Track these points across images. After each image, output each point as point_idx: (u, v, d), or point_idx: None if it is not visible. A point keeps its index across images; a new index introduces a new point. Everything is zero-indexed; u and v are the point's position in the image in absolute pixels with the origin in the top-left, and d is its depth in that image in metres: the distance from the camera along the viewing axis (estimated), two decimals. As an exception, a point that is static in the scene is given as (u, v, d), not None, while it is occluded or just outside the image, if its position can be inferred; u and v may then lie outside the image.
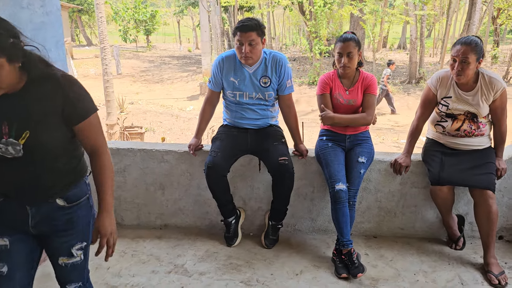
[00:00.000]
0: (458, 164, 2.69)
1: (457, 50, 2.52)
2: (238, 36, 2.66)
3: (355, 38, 2.71)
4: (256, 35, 2.67)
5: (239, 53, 2.70)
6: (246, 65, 2.78)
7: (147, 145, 3.11)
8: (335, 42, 2.80)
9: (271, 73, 2.80)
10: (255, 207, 3.12)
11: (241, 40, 2.66)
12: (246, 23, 2.66)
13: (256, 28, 2.66)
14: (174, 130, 8.68)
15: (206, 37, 12.44)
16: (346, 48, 2.68)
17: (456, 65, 2.53)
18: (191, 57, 26.89)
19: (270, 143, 2.83)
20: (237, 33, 2.67)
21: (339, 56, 2.71)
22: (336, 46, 2.73)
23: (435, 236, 3.07)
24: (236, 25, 2.72)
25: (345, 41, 2.68)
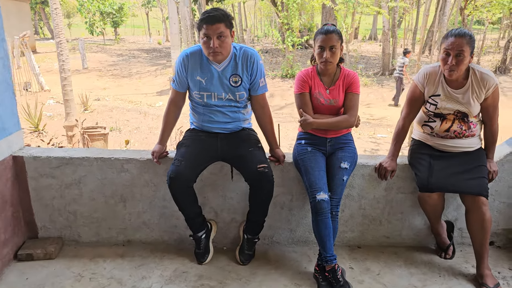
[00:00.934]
0: (447, 168, 2.47)
1: (451, 42, 2.28)
2: (204, 29, 2.34)
3: (337, 31, 2.44)
4: (224, 26, 2.36)
5: (207, 48, 2.38)
6: (214, 62, 2.47)
7: (105, 153, 2.76)
8: (314, 35, 2.51)
9: (242, 71, 2.50)
10: (228, 218, 2.83)
11: (208, 33, 2.34)
12: (213, 14, 2.33)
13: (224, 19, 2.35)
14: (141, 128, 8.22)
15: (175, 29, 11.96)
16: (328, 41, 2.40)
17: (450, 59, 2.30)
18: (161, 50, 26.16)
19: (244, 149, 2.53)
20: (203, 26, 2.34)
21: (321, 50, 2.43)
22: (317, 39, 2.45)
23: (423, 244, 2.86)
24: (201, 16, 2.37)
25: (327, 33, 2.40)
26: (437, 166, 2.48)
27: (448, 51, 2.31)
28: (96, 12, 29.17)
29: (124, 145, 5.99)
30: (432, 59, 19.93)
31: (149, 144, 7.17)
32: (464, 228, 2.82)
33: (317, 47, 2.45)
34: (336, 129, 2.54)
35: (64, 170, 2.70)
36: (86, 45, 21.38)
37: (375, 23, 36.96)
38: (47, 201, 2.76)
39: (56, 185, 2.73)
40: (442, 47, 2.35)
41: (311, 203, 2.41)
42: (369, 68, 16.93)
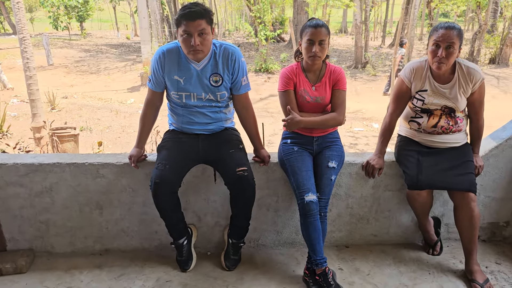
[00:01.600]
0: (436, 164, 2.42)
1: (442, 34, 2.23)
2: (184, 26, 2.19)
3: (326, 25, 2.34)
4: (205, 23, 2.22)
5: (187, 46, 2.24)
6: (193, 61, 2.33)
7: (78, 158, 2.58)
8: (302, 28, 2.40)
9: (223, 70, 2.37)
10: (212, 222, 2.70)
11: (189, 30, 2.19)
12: (194, 9, 2.18)
13: (205, 15, 2.21)
14: (114, 127, 7.91)
15: (145, 23, 11.61)
16: (318, 35, 2.30)
17: (440, 51, 2.24)
18: (130, 45, 25.50)
19: (225, 150, 2.41)
20: (182, 22, 2.19)
21: (309, 44, 2.33)
22: (306, 32, 2.34)
23: (410, 241, 2.83)
24: (180, 12, 2.22)
25: (317, 26, 2.30)
26: (426, 163, 2.43)
27: (438, 43, 2.25)
28: (60, 5, 28.17)
29: (96, 146, 5.73)
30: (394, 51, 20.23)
31: (123, 144, 6.92)
32: (451, 224, 2.81)
33: (305, 41, 2.34)
34: (324, 127, 2.45)
35: (34, 177, 2.51)
36: (50, 40, 20.60)
37: (345, 16, 37.28)
38: (15, 211, 2.56)
39: (24, 194, 2.53)
40: (432, 39, 2.29)
41: (299, 205, 2.32)
42: (342, 61, 17.02)
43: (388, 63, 16.65)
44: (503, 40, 15.09)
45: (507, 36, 14.78)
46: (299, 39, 2.43)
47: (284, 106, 2.44)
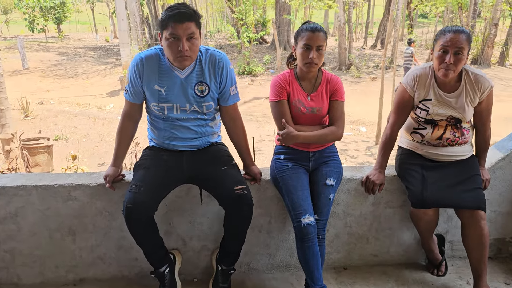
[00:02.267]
0: (441, 180, 2.23)
1: (450, 38, 2.04)
2: (171, 28, 1.94)
3: (324, 29, 2.13)
4: (195, 26, 1.99)
5: (174, 52, 1.99)
6: (176, 68, 2.08)
7: (46, 179, 2.30)
8: (297, 32, 2.18)
9: (209, 78, 2.13)
10: (198, 246, 2.46)
11: (177, 33, 1.94)
12: (183, 10, 1.94)
13: (194, 18, 1.98)
14: (91, 136, 7.53)
15: (124, 26, 11.22)
16: (316, 40, 2.09)
17: (448, 57, 2.05)
18: (109, 47, 24.93)
19: (216, 168, 2.17)
20: (169, 24, 1.94)
21: (306, 50, 2.11)
22: (302, 37, 2.13)
23: (413, 260, 2.64)
24: (166, 13, 1.96)
25: (315, 31, 2.10)
26: (431, 179, 2.23)
27: (446, 48, 2.06)
28: (36, 7, 27.39)
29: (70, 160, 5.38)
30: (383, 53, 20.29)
31: (101, 154, 6.56)
32: (455, 241, 2.63)
33: (301, 46, 2.12)
34: (323, 142, 2.24)
35: (-5, 201, 2.22)
36: (26, 43, 19.96)
37: (326, 18, 37.36)
38: (-24, 240, 2.27)
39: (-14, 221, 2.24)
40: (438, 44, 2.10)
41: (295, 228, 2.10)
42: (325, 63, 16.88)
43: (372, 65, 16.62)
44: (485, 41, 15.21)
45: (488, 37, 14.90)
46: (293, 43, 2.21)
47: (277, 118, 2.21)
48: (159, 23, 2.02)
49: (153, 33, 20.95)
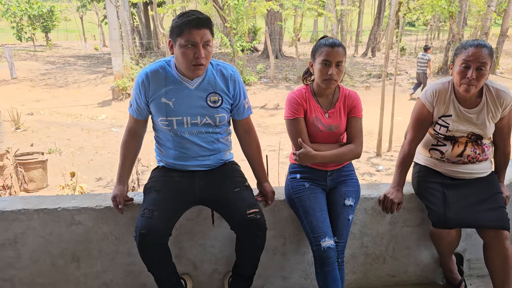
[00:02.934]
0: (463, 198, 2.15)
1: (473, 53, 1.96)
2: (189, 34, 1.83)
3: (342, 44, 2.04)
4: (210, 33, 1.90)
5: (189, 60, 1.87)
6: (185, 79, 1.98)
7: (49, 203, 2.17)
8: (316, 47, 2.09)
9: (222, 90, 2.03)
10: (209, 270, 2.34)
11: (195, 39, 1.84)
12: (201, 16, 1.85)
13: (210, 25, 1.89)
14: (86, 149, 7.34)
15: (115, 35, 11.06)
16: (336, 56, 2.00)
17: (471, 72, 1.97)
18: (99, 56, 24.67)
19: (229, 189, 2.06)
20: (186, 30, 1.83)
21: (325, 66, 2.02)
22: (320, 52, 2.03)
23: (430, 280, 2.55)
24: (182, 19, 1.85)
25: (334, 46, 2.00)
26: (452, 198, 2.15)
27: (467, 63, 1.99)
28: (24, 16, 27.05)
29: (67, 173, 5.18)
30: (375, 61, 20.42)
31: (96, 167, 6.38)
32: (473, 259, 2.55)
33: (319, 62, 2.03)
34: (341, 162, 2.15)
35: (-6, 228, 2.09)
36: (13, 52, 19.64)
37: (315, 26, 37.52)
38: (-28, 268, 2.13)
39: (-17, 248, 2.11)
40: (460, 58, 2.03)
41: (314, 252, 2.00)
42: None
43: (365, 73, 16.68)
44: (475, 49, 15.32)
45: (479, 45, 15.02)
46: (311, 59, 2.12)
47: (293, 136, 2.12)
48: (172, 30, 1.89)
49: (144, 43, 20.85)
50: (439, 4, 15.90)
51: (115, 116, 10.81)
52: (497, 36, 15.93)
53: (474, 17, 22.24)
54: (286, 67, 18.22)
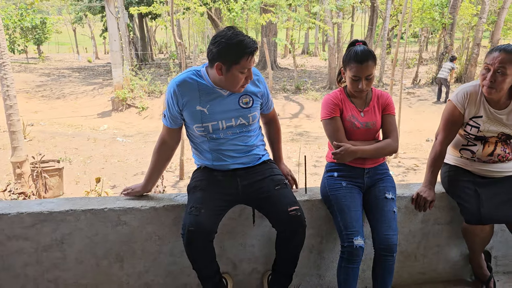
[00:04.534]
0: (495, 196, 2.24)
1: (494, 57, 2.08)
2: (248, 62, 1.95)
3: (372, 54, 2.12)
4: None
5: (242, 83, 2.01)
6: (220, 88, 2.06)
7: (95, 203, 2.21)
8: (346, 59, 2.16)
9: (251, 92, 2.13)
10: (249, 269, 2.39)
11: (250, 67, 2.00)
12: (256, 45, 1.97)
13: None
14: (95, 157, 7.35)
15: (116, 46, 11.13)
16: (365, 72, 2.10)
17: (489, 75, 2.09)
18: (93, 68, 24.67)
19: (270, 187, 2.13)
20: (245, 59, 1.94)
21: (355, 80, 2.12)
22: (351, 67, 2.12)
23: (459, 277, 2.62)
24: (242, 48, 1.90)
25: (363, 62, 2.08)
26: (484, 195, 2.24)
27: (488, 66, 2.10)
28: (17, 28, 26.99)
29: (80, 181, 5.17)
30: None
31: (109, 175, 6.40)
32: (499, 256, 2.64)
33: (350, 76, 2.13)
34: (380, 156, 2.24)
35: (42, 229, 2.13)
36: (8, 64, 19.53)
37: (307, 38, 37.97)
38: (18, 269, 2.16)
39: (30, 249, 2.14)
40: (484, 61, 2.15)
41: (345, 247, 2.08)
42: (315, 83, 17.08)
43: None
44: (468, 60, 15.70)
45: (471, 56, 15.39)
46: (342, 66, 2.22)
47: (331, 135, 2.20)
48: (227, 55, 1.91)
49: (140, 54, 20.94)
50: (431, 17, 16.27)
51: (117, 127, 10.83)
52: (488, 47, 16.32)
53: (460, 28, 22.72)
54: (283, 77, 18.41)
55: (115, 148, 8.11)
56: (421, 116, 12.43)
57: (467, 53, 16.46)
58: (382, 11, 20.87)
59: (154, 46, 33.96)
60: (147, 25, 27.06)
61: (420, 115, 12.64)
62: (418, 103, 14.19)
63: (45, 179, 4.36)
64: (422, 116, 12.50)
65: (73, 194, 4.98)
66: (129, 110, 12.85)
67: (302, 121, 12.42)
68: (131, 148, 8.44)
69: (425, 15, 17.66)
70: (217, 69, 1.97)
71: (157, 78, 16.65)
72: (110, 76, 16.30)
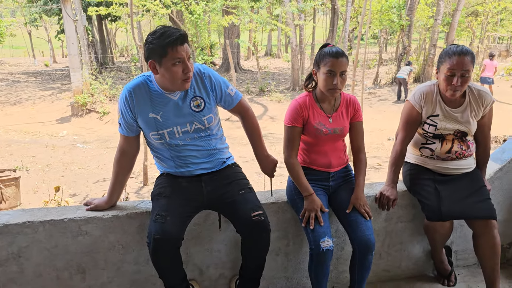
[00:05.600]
0: (454, 192, 2.32)
1: (457, 62, 2.14)
2: (175, 52, 1.87)
3: (345, 53, 2.14)
4: (189, 46, 1.96)
5: (179, 76, 1.91)
6: (168, 92, 2.00)
7: (54, 214, 2.12)
8: (320, 56, 2.15)
9: (201, 92, 2.07)
10: (216, 275, 2.37)
11: (182, 55, 1.89)
12: (182, 33, 1.89)
13: (187, 39, 1.96)
14: (54, 165, 7.06)
15: (75, 50, 10.77)
16: (340, 66, 2.09)
17: (456, 80, 2.16)
18: (51, 72, 23.81)
19: (234, 192, 2.11)
20: (172, 49, 1.86)
21: (330, 76, 2.10)
22: (325, 62, 2.11)
23: (422, 273, 2.70)
24: (164, 38, 1.86)
25: (338, 56, 2.09)
26: (444, 192, 2.31)
27: (453, 71, 2.17)
28: (-32, 32, 25.73)
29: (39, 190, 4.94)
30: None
31: (69, 184, 6.17)
32: (459, 251, 2.74)
33: (324, 71, 2.11)
34: None
35: (-4, 242, 2.01)
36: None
37: (270, 39, 38.25)
38: (-29, 286, 2.04)
39: (-16, 264, 2.03)
40: (445, 66, 2.20)
41: (313, 250, 2.10)
42: (278, 84, 17.21)
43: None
44: (425, 60, 16.29)
45: (428, 57, 15.98)
46: (314, 67, 2.21)
47: (287, 143, 2.23)
48: (153, 51, 1.89)
49: (100, 58, 20.41)
50: (389, 18, 16.77)
51: (77, 132, 10.48)
52: (444, 48, 16.98)
53: (417, 30, 23.54)
54: (247, 79, 18.44)
55: (75, 155, 7.85)
56: (382, 116, 12.76)
57: (424, 53, 17.07)
58: (343, 13, 21.27)
59: (114, 49, 33.21)
60: (106, 28, 26.40)
61: (381, 114, 12.98)
62: (379, 103, 14.58)
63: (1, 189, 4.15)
64: (383, 115, 12.83)
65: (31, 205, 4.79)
66: (90, 115, 12.49)
67: (267, 122, 12.47)
68: (92, 154, 8.20)
69: (384, 17, 18.18)
70: (152, 69, 1.94)
71: (119, 82, 16.28)
72: (68, 80, 15.80)
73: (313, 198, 2.15)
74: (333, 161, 2.27)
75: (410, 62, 15.41)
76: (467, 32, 25.05)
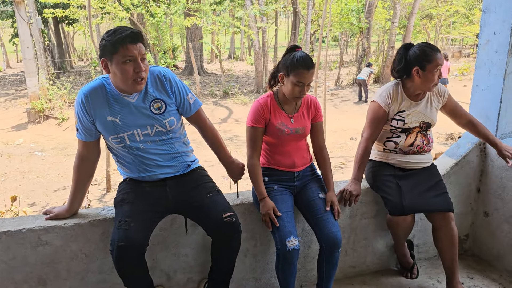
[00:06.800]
0: (414, 187, 2.40)
1: (440, 57, 2.30)
2: (126, 50, 1.82)
3: (313, 63, 2.16)
4: (143, 47, 1.91)
5: (130, 75, 1.85)
6: (125, 94, 1.96)
7: (11, 224, 2.03)
8: (291, 65, 2.11)
9: (161, 94, 2.02)
10: (184, 279, 2.34)
11: (133, 54, 1.83)
12: (134, 31, 1.85)
13: (143, 39, 1.91)
14: (10, 174, 6.73)
15: (30, 54, 10.37)
16: (310, 77, 2.12)
17: (438, 73, 2.32)
18: (5, 78, 22.80)
19: (202, 195, 2.09)
20: (122, 46, 1.81)
21: (299, 86, 2.11)
22: (296, 73, 2.09)
23: (385, 267, 2.78)
24: (115, 36, 1.82)
25: (310, 68, 2.10)
26: (405, 187, 2.39)
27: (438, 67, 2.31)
28: None
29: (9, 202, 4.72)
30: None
31: (27, 192, 5.91)
32: (420, 244, 2.84)
33: (293, 81, 2.10)
34: None
35: None
36: None
37: (233, 42, 38.28)
38: None
39: None
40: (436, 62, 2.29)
41: (279, 250, 2.11)
42: (242, 87, 17.21)
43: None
44: (384, 61, 16.79)
45: (387, 58, 16.48)
46: (282, 70, 2.17)
47: (250, 144, 2.25)
48: (104, 48, 1.85)
49: (57, 62, 19.75)
50: (349, 21, 17.18)
51: (34, 140, 10.08)
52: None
53: (376, 32, 24.26)
54: (211, 82, 18.36)
55: (33, 163, 7.55)
56: (345, 116, 13.04)
57: (382, 55, 17.60)
58: (304, 16, 21.58)
59: (73, 53, 32.27)
60: (64, 31, 25.60)
61: (343, 115, 13.25)
62: (342, 104, 14.89)
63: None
64: (346, 115, 13.11)
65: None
66: (48, 122, 12.05)
67: (231, 125, 12.46)
68: (52, 162, 7.90)
69: (344, 20, 18.62)
70: (104, 67, 1.89)
71: (78, 87, 15.79)
72: (24, 86, 15.18)
73: (265, 202, 2.18)
74: (297, 161, 2.29)
75: (370, 63, 15.83)
76: (423, 34, 26.03)
